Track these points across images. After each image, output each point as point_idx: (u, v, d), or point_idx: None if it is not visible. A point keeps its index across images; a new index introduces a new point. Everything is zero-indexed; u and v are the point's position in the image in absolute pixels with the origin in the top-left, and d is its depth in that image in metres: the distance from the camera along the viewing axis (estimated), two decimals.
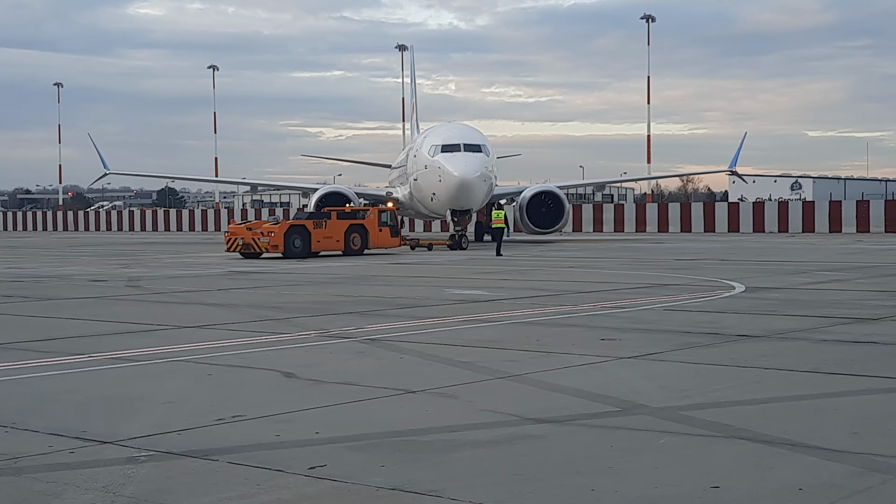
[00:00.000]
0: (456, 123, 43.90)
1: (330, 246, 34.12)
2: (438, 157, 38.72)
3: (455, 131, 40.90)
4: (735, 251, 34.28)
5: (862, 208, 53.81)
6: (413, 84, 67.87)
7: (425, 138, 41.10)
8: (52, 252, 42.17)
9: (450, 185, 38.39)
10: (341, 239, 34.34)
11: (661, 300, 16.64)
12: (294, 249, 32.82)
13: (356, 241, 34.64)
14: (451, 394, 8.58)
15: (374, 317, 14.67)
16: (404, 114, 76.07)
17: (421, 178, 40.17)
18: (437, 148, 39.04)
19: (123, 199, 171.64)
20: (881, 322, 13.34)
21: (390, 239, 35.74)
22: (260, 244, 32.61)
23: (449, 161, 38.33)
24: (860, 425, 7.22)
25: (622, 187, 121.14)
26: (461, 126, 42.61)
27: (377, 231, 35.30)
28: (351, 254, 34.23)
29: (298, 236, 33.12)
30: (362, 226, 35.02)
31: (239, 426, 7.45)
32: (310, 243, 33.36)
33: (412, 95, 67.54)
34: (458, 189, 38.31)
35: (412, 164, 41.60)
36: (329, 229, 34.08)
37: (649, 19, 67.42)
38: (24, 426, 7.51)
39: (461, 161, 38.37)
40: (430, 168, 39.16)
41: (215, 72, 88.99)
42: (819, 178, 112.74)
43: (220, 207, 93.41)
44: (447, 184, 38.48)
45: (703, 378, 9.26)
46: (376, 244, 35.36)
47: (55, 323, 14.68)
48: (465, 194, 38.62)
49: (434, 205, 39.96)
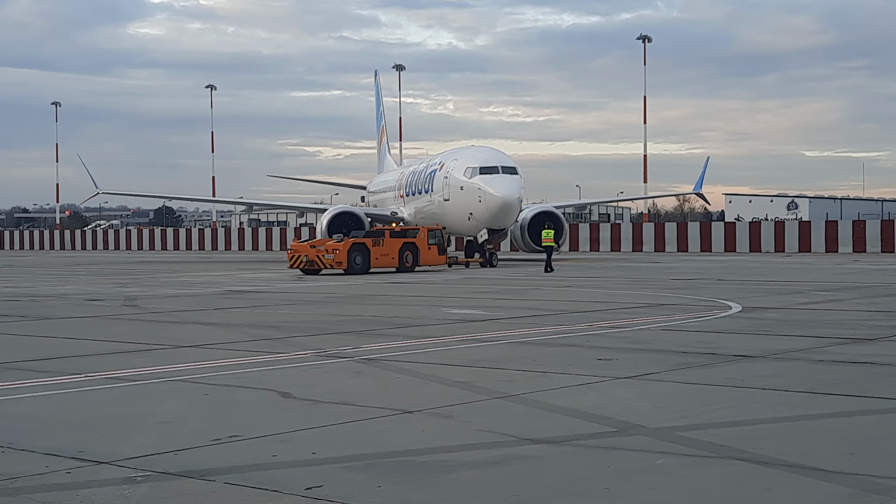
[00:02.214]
0: (483, 147, 45.69)
1: (386, 263, 35.91)
2: (477, 179, 40.59)
3: (488, 154, 42.92)
4: (732, 271, 34.31)
5: (858, 228, 53.91)
6: (381, 107, 68.67)
7: (455, 161, 42.76)
8: (49, 271, 42.14)
9: (491, 205, 40.26)
10: (396, 256, 36.08)
11: (657, 320, 16.65)
12: (355, 266, 34.68)
13: (409, 258, 36.45)
14: (447, 414, 8.58)
15: (370, 336, 14.66)
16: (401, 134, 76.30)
17: (455, 199, 41.83)
18: (474, 170, 40.96)
19: (120, 218, 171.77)
20: (878, 342, 13.35)
21: (438, 256, 37.68)
22: (324, 261, 34.39)
23: (489, 183, 40.29)
24: (857, 446, 7.22)
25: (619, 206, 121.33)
26: (491, 149, 44.48)
27: (427, 249, 37.18)
28: (404, 270, 36.01)
29: (359, 254, 35.07)
30: (414, 244, 36.82)
31: (235, 446, 7.44)
32: (369, 260, 35.26)
33: (381, 118, 68.25)
34: (500, 209, 40.38)
35: (440, 186, 43.19)
36: (385, 247, 35.94)
37: (645, 40, 67.74)
38: (20, 446, 7.49)
39: (503, 183, 40.43)
40: (468, 189, 40.91)
41: (213, 91, 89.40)
42: (815, 197, 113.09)
43: (218, 226, 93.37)
44: (488, 204, 40.29)
45: (700, 398, 9.27)
46: (426, 261, 37.18)
47: (52, 342, 14.66)
48: (505, 214, 40.83)
49: (470, 224, 41.54)
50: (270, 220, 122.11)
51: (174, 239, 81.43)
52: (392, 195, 53.00)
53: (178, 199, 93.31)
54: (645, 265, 40.25)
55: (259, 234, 77.13)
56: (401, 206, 50.36)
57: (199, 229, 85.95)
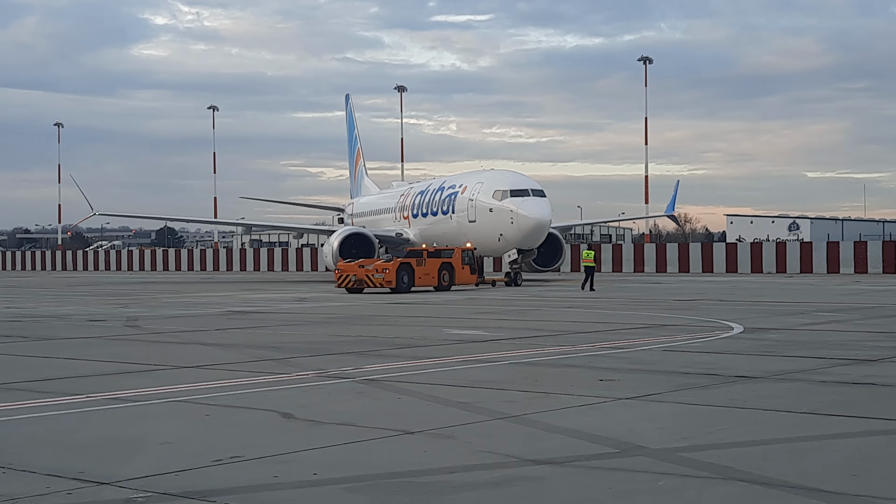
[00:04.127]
0: (505, 170, 47.86)
1: (427, 282, 37.60)
2: (508, 202, 42.28)
3: (515, 177, 44.84)
4: (733, 291, 34.29)
5: (860, 249, 53.91)
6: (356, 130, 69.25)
7: (480, 184, 44.37)
8: (51, 292, 42.15)
9: (524, 226, 42.08)
10: (435, 276, 37.85)
11: (659, 341, 16.64)
12: (402, 284, 36.25)
13: (446, 277, 38.19)
14: (449, 435, 8.56)
15: (372, 357, 14.65)
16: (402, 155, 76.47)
17: (483, 220, 43.39)
18: (504, 193, 42.69)
19: (122, 239, 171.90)
20: (880, 363, 13.33)
21: (470, 276, 39.33)
22: (374, 280, 35.89)
23: (521, 205, 42.11)
24: (860, 467, 7.20)
25: (620, 227, 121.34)
26: (514, 173, 46.53)
27: (461, 269, 38.87)
28: (442, 289, 37.61)
29: (406, 273, 36.70)
30: (450, 264, 38.54)
31: (236, 467, 7.43)
32: (413, 279, 36.88)
33: (356, 141, 68.81)
34: (533, 230, 42.37)
35: (463, 208, 44.81)
36: (427, 267, 37.69)
37: (646, 61, 67.99)
38: (21, 467, 7.48)
39: (536, 205, 42.47)
40: (499, 211, 42.51)
41: (215, 112, 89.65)
42: (817, 218, 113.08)
43: (219, 247, 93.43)
44: (521, 225, 42.05)
45: (702, 419, 9.25)
46: (461, 281, 38.89)
47: (53, 363, 14.65)
48: (537, 235, 42.89)
49: (499, 244, 42.99)
50: (272, 241, 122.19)
51: (176, 260, 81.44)
52: (390, 216, 53.47)
53: (176, 220, 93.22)
54: (646, 286, 40.24)
55: (261, 255, 77.17)
56: (404, 227, 50.76)
57: (200, 250, 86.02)
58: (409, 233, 50.27)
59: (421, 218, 49.49)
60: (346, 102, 72.10)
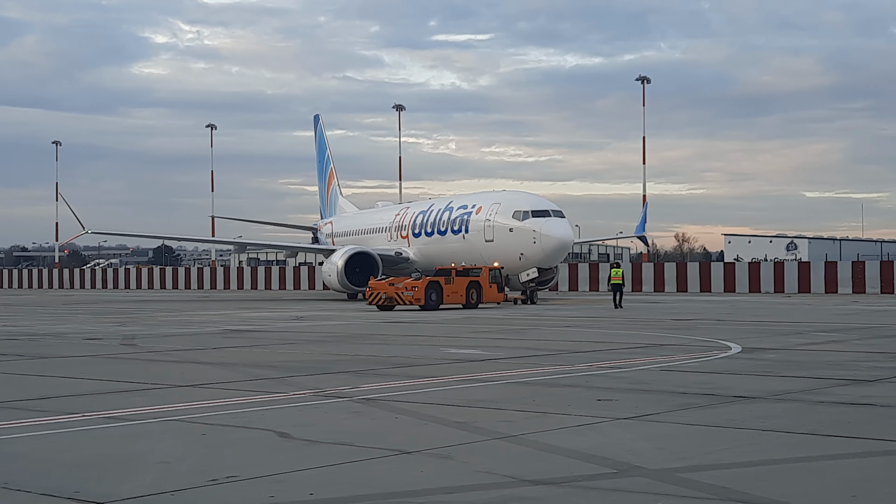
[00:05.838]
0: (519, 191, 49.11)
1: (455, 300, 38.29)
2: (529, 223, 43.11)
3: (534, 199, 45.37)
4: (731, 311, 34.28)
5: (858, 269, 53.89)
6: (327, 150, 69.56)
7: (497, 205, 45.10)
8: (48, 309, 42.09)
9: (547, 246, 42.84)
10: (463, 294, 38.53)
11: (657, 360, 16.61)
12: (431, 302, 37.11)
13: (474, 295, 38.90)
14: (446, 454, 8.53)
15: (369, 376, 14.62)
16: (400, 173, 76.63)
17: (502, 240, 44.07)
18: (525, 213, 43.52)
19: (119, 257, 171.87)
20: (878, 384, 13.31)
21: (497, 294, 39.98)
22: (404, 297, 36.81)
23: (544, 226, 42.94)
24: (858, 488, 7.18)
25: (618, 246, 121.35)
26: (533, 195, 47.26)
27: (489, 287, 39.53)
28: (469, 307, 38.35)
29: (434, 291, 37.50)
30: (478, 282, 39.29)
31: (233, 487, 7.39)
32: (442, 297, 37.63)
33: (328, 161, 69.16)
34: (556, 250, 43.29)
35: (479, 228, 45.44)
36: (455, 285, 38.41)
37: (644, 81, 68.16)
38: (16, 486, 7.45)
39: (558, 226, 43.40)
40: (520, 231, 43.25)
41: (213, 131, 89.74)
42: (815, 238, 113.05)
43: (217, 265, 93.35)
44: (544, 245, 42.79)
45: (700, 439, 9.22)
46: (488, 299, 39.57)
47: (49, 381, 14.61)
48: (559, 254, 44.07)
49: (520, 263, 43.40)
50: (270, 260, 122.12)
51: (173, 278, 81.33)
52: (383, 236, 53.67)
53: (171, 238, 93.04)
54: (644, 305, 40.22)
55: (258, 274, 77.08)
56: (402, 245, 50.90)
57: (198, 268, 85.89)
58: (409, 251, 50.42)
59: (424, 237, 49.60)
60: (316, 123, 71.89)
